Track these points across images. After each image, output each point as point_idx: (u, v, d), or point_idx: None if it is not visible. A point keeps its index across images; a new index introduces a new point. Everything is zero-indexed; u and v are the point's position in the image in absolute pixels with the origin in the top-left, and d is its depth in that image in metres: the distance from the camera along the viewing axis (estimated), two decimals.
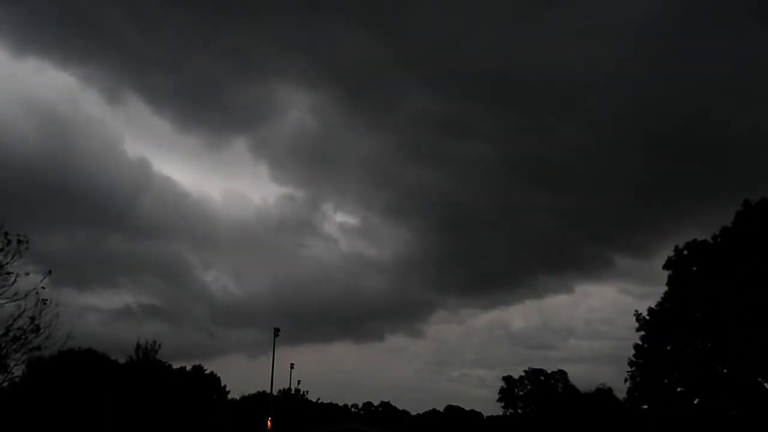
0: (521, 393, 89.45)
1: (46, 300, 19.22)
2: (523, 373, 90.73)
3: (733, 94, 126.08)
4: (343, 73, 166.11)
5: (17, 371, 21.89)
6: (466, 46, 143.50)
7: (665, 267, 36.61)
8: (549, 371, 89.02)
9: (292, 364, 68.19)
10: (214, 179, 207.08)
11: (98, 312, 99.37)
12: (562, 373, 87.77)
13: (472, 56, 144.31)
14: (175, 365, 67.92)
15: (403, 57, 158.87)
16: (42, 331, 19.32)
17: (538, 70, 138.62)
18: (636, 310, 37.98)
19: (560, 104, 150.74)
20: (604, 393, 58.48)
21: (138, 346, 51.00)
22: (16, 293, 18.71)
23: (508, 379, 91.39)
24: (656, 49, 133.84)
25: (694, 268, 35.24)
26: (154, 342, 51.92)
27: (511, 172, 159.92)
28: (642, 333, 37.40)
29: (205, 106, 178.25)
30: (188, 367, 71.20)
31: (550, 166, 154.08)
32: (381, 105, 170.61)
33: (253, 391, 76.21)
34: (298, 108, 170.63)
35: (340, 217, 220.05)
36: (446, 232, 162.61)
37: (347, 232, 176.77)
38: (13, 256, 18.82)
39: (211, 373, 73.42)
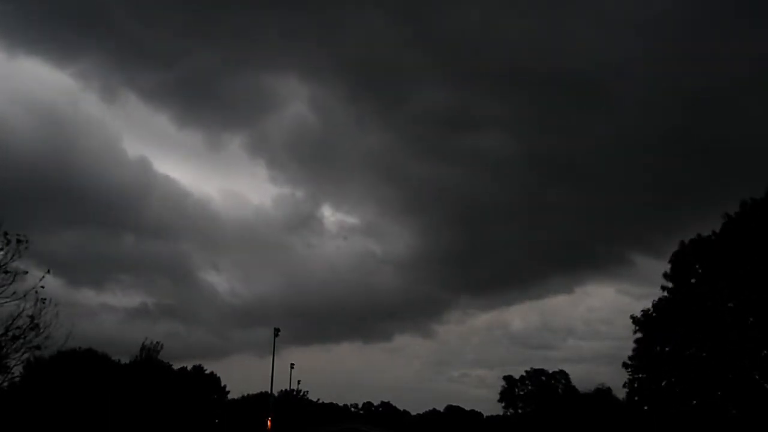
0: (521, 393, 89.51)
1: (45, 299, 19.26)
2: (524, 373, 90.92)
3: (761, 90, 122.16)
4: (350, 64, 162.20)
5: (17, 371, 21.94)
6: (479, 38, 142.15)
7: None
8: (550, 371, 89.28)
9: (292, 364, 68.61)
10: (214, 177, 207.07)
11: (101, 312, 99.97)
12: (563, 374, 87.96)
13: (485, 48, 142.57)
14: (183, 365, 68.64)
15: (415, 47, 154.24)
16: (42, 330, 19.35)
17: (556, 63, 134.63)
18: (632, 315, 38.13)
19: (579, 98, 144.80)
20: (603, 393, 58.45)
21: (143, 347, 51.34)
22: (14, 292, 18.76)
23: (509, 379, 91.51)
24: (682, 43, 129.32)
25: (697, 266, 35.21)
26: (157, 343, 52.31)
27: (523, 168, 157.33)
28: (638, 335, 37.45)
29: (204, 102, 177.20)
30: (189, 367, 71.51)
31: (567, 161, 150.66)
32: (389, 99, 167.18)
33: (260, 391, 76.36)
34: (300, 102, 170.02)
35: (347, 216, 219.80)
36: (455, 229, 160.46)
37: (354, 230, 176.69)
38: (13, 255, 18.88)
39: (211, 373, 73.71)
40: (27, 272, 19.02)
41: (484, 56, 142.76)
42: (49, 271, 19.55)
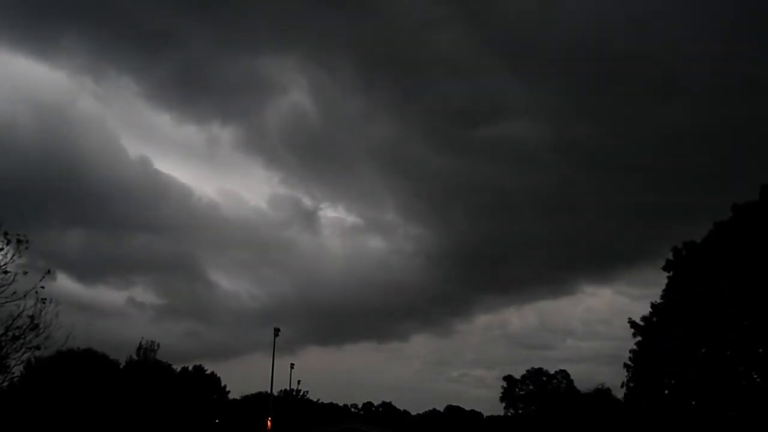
0: (522, 393, 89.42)
1: (45, 299, 19.28)
2: (526, 373, 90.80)
3: None
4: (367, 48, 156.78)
5: (17, 371, 21.97)
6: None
7: (664, 268, 36.65)
8: (551, 371, 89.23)
9: (292, 364, 68.54)
10: (213, 175, 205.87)
11: (107, 312, 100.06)
12: (564, 374, 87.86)
13: (510, 32, 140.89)
14: (184, 365, 68.67)
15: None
16: (42, 330, 19.37)
17: (593, 46, 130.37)
18: (629, 319, 38.12)
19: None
20: (603, 393, 58.54)
21: (140, 347, 51.62)
22: (14, 292, 18.76)
23: (509, 379, 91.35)
24: (741, 29, 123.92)
25: (693, 271, 35.23)
26: (153, 342, 52.58)
27: (528, 166, 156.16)
28: (638, 339, 37.45)
29: (202, 94, 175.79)
30: (190, 368, 71.55)
31: (569, 160, 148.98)
32: (404, 87, 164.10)
33: (260, 391, 76.32)
34: (300, 91, 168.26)
35: (352, 215, 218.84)
36: (459, 229, 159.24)
37: (361, 229, 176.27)
38: (13, 255, 18.89)
39: (212, 373, 73.76)
40: (27, 272, 19.04)
41: (512, 39, 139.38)
42: (49, 271, 19.62)
